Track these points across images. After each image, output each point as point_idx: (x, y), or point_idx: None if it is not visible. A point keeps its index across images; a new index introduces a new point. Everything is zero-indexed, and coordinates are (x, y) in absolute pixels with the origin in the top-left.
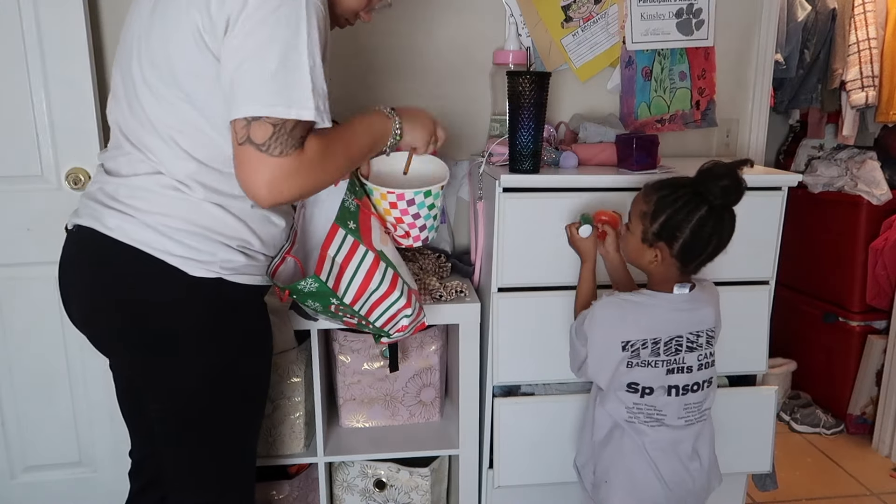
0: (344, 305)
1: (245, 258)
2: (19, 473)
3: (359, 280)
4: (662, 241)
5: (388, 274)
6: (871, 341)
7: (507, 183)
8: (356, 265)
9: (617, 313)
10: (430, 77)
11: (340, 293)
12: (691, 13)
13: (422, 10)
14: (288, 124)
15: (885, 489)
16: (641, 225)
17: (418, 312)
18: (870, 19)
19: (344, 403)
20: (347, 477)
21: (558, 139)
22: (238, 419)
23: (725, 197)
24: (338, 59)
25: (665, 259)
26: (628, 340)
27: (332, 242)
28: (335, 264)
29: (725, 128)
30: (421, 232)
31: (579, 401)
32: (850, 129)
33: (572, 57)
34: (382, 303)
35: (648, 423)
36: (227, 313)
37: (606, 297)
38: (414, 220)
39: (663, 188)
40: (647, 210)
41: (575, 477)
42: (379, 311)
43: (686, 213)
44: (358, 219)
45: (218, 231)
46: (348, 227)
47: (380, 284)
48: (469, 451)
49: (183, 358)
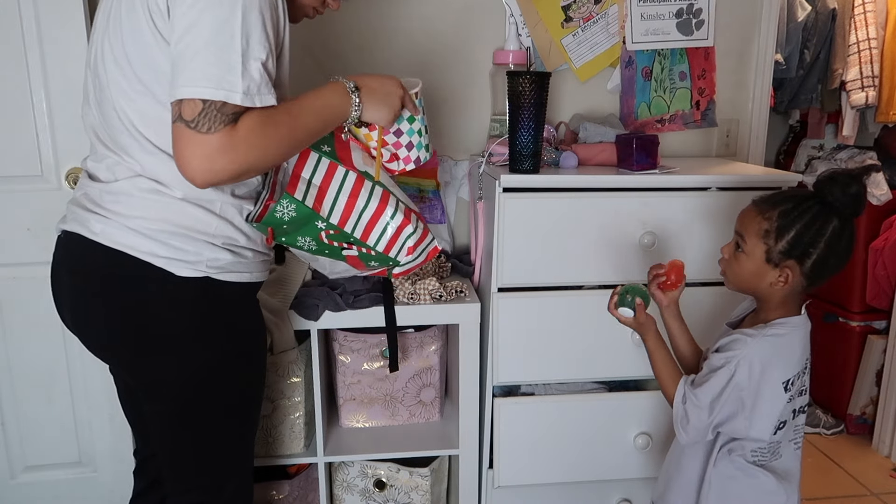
0: (334, 228)
1: (232, 256)
2: (19, 473)
3: (344, 198)
4: (792, 260)
5: (375, 191)
6: (871, 341)
7: (507, 183)
8: (338, 185)
9: (775, 353)
10: (429, 77)
11: (325, 213)
12: (691, 13)
13: (421, 10)
14: (217, 102)
15: (885, 489)
16: (763, 245)
17: (424, 233)
18: (870, 19)
19: (344, 403)
20: (347, 477)
21: (558, 139)
22: (232, 418)
23: (856, 205)
24: (337, 58)
25: (793, 279)
26: (788, 379)
27: (305, 165)
28: (312, 185)
29: (725, 128)
30: (409, 151)
31: (579, 401)
32: (850, 130)
33: (572, 57)
34: (378, 222)
35: (775, 458)
36: (217, 312)
37: (750, 340)
38: (397, 137)
39: (782, 202)
40: (770, 227)
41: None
42: (377, 233)
43: (818, 226)
44: (333, 142)
45: (201, 230)
46: (321, 150)
47: (368, 201)
48: (469, 451)
49: (174, 358)
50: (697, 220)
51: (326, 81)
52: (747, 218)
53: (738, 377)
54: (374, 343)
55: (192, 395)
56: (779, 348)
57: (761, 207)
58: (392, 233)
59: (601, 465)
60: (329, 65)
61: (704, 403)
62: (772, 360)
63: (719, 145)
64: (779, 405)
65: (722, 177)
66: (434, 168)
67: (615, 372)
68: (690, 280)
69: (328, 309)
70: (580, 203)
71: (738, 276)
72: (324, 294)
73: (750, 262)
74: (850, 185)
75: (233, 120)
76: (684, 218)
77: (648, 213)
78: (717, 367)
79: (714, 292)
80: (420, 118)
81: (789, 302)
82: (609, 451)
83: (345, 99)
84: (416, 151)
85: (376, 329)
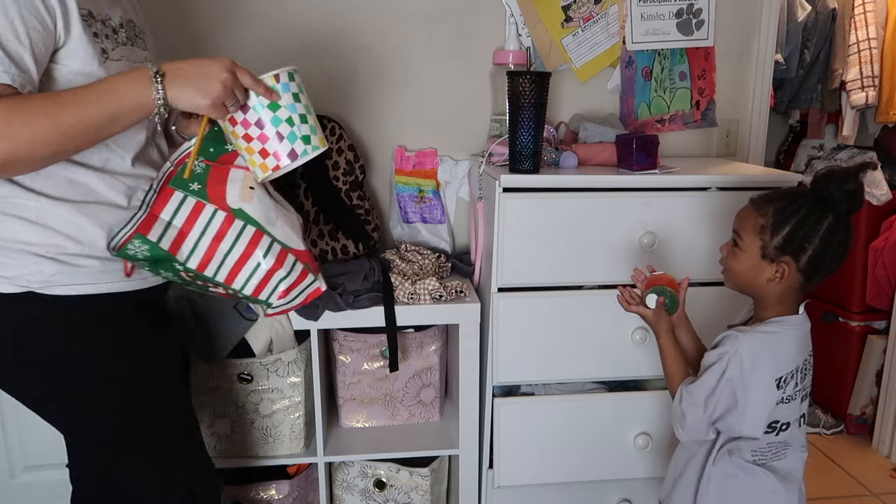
0: (192, 272)
1: (59, 266)
2: (19, 473)
3: (207, 241)
4: (787, 255)
5: (245, 232)
6: (871, 341)
7: (507, 183)
8: (203, 226)
9: (766, 350)
10: (429, 77)
11: (182, 257)
12: (691, 13)
13: (421, 10)
14: None
15: (885, 489)
16: (759, 240)
17: (301, 274)
18: (870, 19)
19: (344, 403)
20: (347, 477)
21: (558, 139)
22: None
23: (851, 202)
24: (335, 58)
25: (789, 275)
26: (781, 377)
27: (167, 205)
28: (171, 227)
29: (725, 128)
30: (280, 143)
31: (579, 401)
32: (850, 130)
33: (572, 57)
34: (245, 265)
35: (777, 458)
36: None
37: (742, 336)
38: (260, 129)
39: (778, 198)
40: (766, 223)
41: (574, 477)
42: (243, 276)
43: (813, 222)
44: (206, 179)
45: (19, 239)
46: (189, 188)
47: (234, 244)
48: (469, 451)
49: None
50: (697, 220)
51: (329, 84)
52: (743, 215)
53: (730, 372)
54: (374, 343)
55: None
56: (770, 345)
57: (757, 205)
58: (261, 277)
59: (601, 465)
60: (329, 66)
61: (699, 400)
62: (762, 356)
63: (719, 145)
64: (769, 402)
65: (722, 177)
66: (434, 168)
67: (615, 372)
68: (692, 280)
69: (328, 309)
70: (580, 203)
71: (736, 272)
72: (324, 294)
73: (746, 258)
74: (846, 181)
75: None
76: (684, 218)
77: (648, 213)
78: (710, 363)
79: (715, 292)
80: (288, 105)
81: (786, 300)
82: (609, 451)
83: (143, 85)
84: (288, 143)
85: (376, 329)
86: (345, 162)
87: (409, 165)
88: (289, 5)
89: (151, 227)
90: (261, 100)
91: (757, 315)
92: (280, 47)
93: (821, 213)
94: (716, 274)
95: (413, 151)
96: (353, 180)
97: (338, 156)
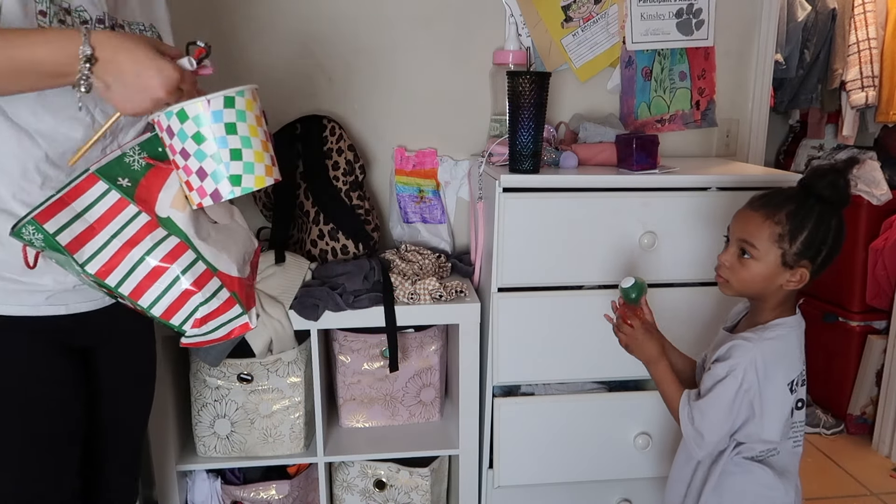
0: (93, 277)
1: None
2: None
3: (117, 244)
4: (806, 260)
5: (165, 243)
6: (871, 341)
7: (507, 183)
8: (118, 228)
9: (778, 356)
10: (429, 77)
11: (81, 258)
12: (691, 13)
13: (421, 10)
14: None
15: (885, 489)
16: (778, 249)
17: (226, 304)
18: (870, 19)
19: (344, 403)
20: (347, 477)
21: (558, 139)
22: None
23: (843, 198)
24: (335, 58)
25: (805, 278)
26: (792, 380)
27: (84, 194)
28: (80, 220)
29: (725, 128)
30: (203, 181)
31: (579, 401)
32: (850, 129)
33: (572, 57)
34: (157, 281)
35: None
36: None
37: (751, 345)
38: (184, 159)
39: (784, 203)
40: (783, 231)
41: (574, 477)
42: (153, 294)
43: (826, 223)
44: (140, 177)
45: None
46: (116, 183)
47: (146, 254)
48: (469, 451)
49: None
50: (697, 220)
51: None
52: (752, 224)
53: (747, 384)
54: (374, 343)
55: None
56: (779, 350)
57: (767, 212)
58: (174, 298)
59: (601, 465)
60: (329, 65)
61: (717, 418)
62: (775, 362)
63: (719, 145)
64: (786, 406)
65: (722, 177)
66: (434, 168)
67: (615, 372)
68: (690, 280)
69: (328, 309)
70: (580, 203)
71: (746, 281)
72: (324, 294)
73: (762, 267)
74: (835, 179)
75: None
76: (684, 218)
77: (648, 213)
78: (720, 377)
79: (715, 292)
80: (217, 138)
81: (788, 300)
82: (609, 451)
83: (69, 59)
84: (212, 182)
85: (376, 329)
86: (345, 162)
87: (409, 165)
88: (289, 5)
89: (54, 215)
90: (186, 127)
91: (754, 316)
92: (280, 47)
93: (829, 214)
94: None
95: (413, 151)
96: (353, 180)
97: (338, 156)
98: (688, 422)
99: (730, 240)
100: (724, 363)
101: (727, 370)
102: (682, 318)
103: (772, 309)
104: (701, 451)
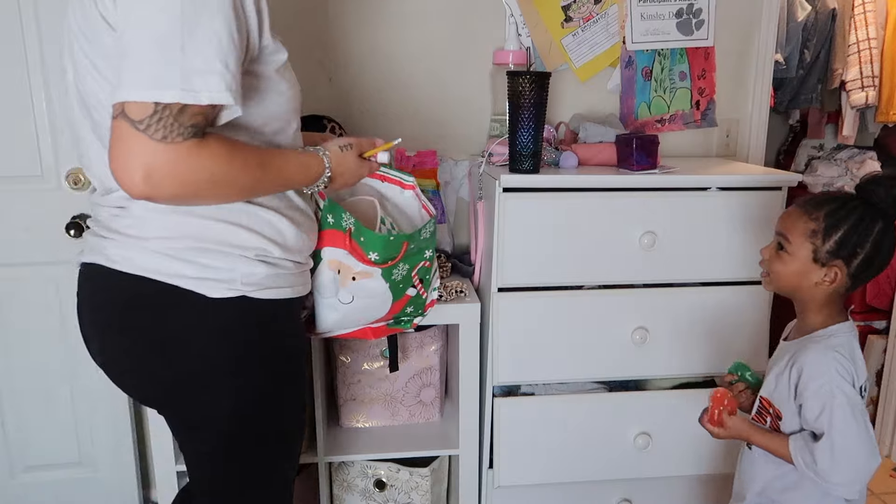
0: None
1: (267, 268)
2: (19, 473)
3: None
4: (840, 260)
5: None
6: (871, 341)
7: (507, 183)
8: None
9: (850, 363)
10: (429, 77)
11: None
12: (691, 13)
13: (421, 10)
14: (173, 107)
15: (885, 489)
16: (811, 244)
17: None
18: (870, 19)
19: (344, 403)
20: (347, 477)
21: (558, 139)
22: (281, 446)
23: None
24: (335, 57)
25: (840, 279)
26: (861, 385)
27: None
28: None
29: (725, 128)
30: None
31: (579, 401)
32: (850, 129)
33: (572, 57)
34: None
35: None
36: (260, 337)
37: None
38: None
39: (828, 202)
40: (817, 227)
41: (574, 477)
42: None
43: (865, 226)
44: None
45: (230, 243)
46: None
47: None
48: (469, 451)
49: (216, 393)
50: (697, 220)
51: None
52: (791, 218)
53: (851, 398)
54: (374, 343)
55: (237, 429)
56: (849, 357)
57: (806, 208)
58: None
59: (601, 465)
60: (334, 73)
61: (852, 445)
62: (850, 369)
63: (719, 145)
64: (865, 412)
65: (722, 177)
66: (434, 168)
67: (615, 372)
68: (692, 280)
69: None
70: (580, 203)
71: (781, 275)
72: None
73: (795, 262)
74: (894, 186)
75: (194, 135)
76: (684, 218)
77: (648, 213)
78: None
79: (716, 293)
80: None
81: (832, 303)
82: (609, 451)
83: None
84: None
85: None
86: None
87: (409, 165)
88: (289, 4)
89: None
90: None
91: (803, 320)
92: None
93: (872, 218)
94: (717, 274)
95: (413, 151)
96: None
97: None
98: (812, 466)
99: None
100: (816, 401)
101: (821, 406)
102: (681, 319)
103: (817, 311)
104: (847, 489)
